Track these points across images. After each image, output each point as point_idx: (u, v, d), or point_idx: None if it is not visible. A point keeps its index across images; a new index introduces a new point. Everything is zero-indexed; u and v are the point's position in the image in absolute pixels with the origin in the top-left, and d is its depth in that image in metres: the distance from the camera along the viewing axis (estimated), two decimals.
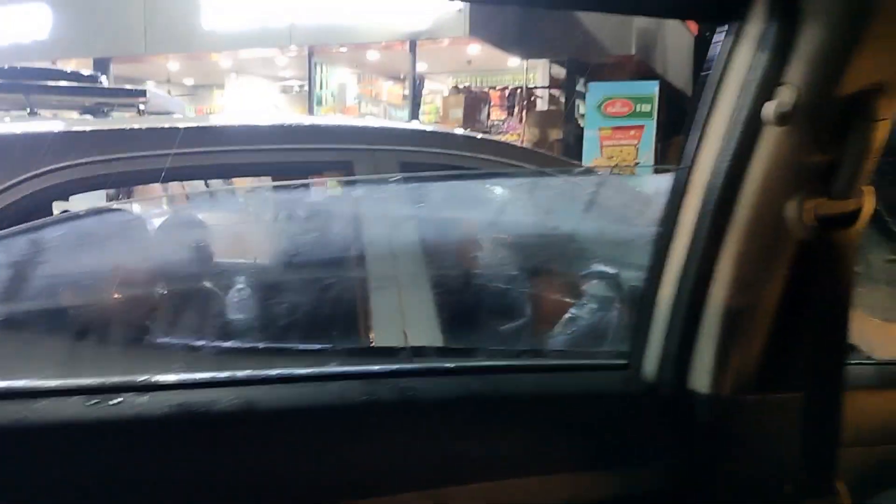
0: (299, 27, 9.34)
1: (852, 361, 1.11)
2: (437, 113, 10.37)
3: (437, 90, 11.52)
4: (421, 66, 10.21)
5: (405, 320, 1.36)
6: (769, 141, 0.90)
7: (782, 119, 0.87)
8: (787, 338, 0.99)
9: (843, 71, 0.85)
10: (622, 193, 1.81)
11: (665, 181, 1.04)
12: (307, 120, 1.90)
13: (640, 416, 1.05)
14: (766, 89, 0.88)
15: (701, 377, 1.00)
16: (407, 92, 9.85)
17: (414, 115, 9.49)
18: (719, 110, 0.93)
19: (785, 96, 0.87)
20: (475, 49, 9.60)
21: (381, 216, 1.56)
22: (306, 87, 10.45)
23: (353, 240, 1.51)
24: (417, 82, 9.78)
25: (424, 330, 1.40)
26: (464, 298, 1.50)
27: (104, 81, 4.89)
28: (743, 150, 0.91)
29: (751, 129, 0.90)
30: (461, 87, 10.69)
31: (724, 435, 1.01)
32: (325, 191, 1.91)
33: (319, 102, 10.31)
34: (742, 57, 0.90)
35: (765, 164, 0.91)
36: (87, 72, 5.21)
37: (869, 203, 0.94)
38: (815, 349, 0.98)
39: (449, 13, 8.56)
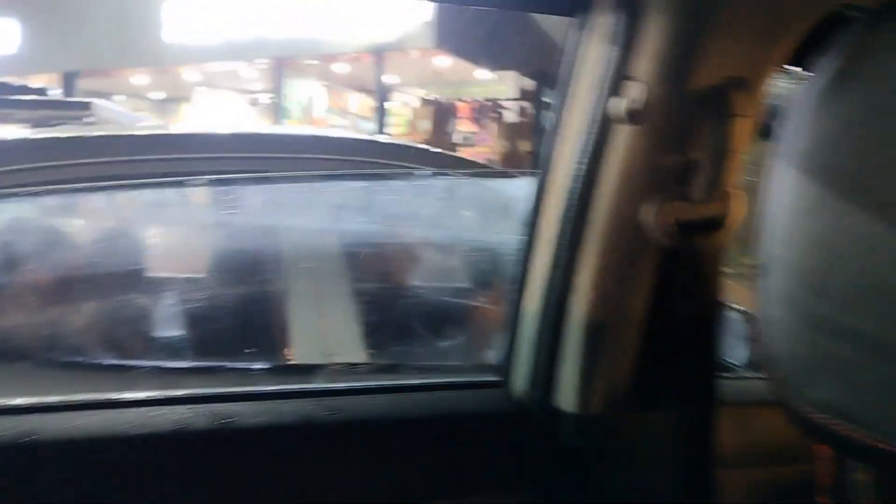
0: (266, 40, 9.27)
1: (726, 376, 1.05)
2: (407, 125, 10.30)
3: (408, 102, 11.47)
4: (391, 79, 10.15)
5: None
6: (622, 141, 0.83)
7: (632, 117, 0.81)
8: (655, 353, 0.92)
9: (694, 65, 0.79)
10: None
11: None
12: (217, 129, 1.84)
13: (511, 437, 0.98)
14: (616, 85, 0.82)
15: (568, 395, 0.93)
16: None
17: (380, 126, 9.42)
18: (572, 108, 0.87)
19: (633, 92, 0.81)
20: (445, 61, 9.55)
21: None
22: (275, 100, 10.35)
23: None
24: (383, 94, 9.73)
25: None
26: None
27: (53, 95, 4.79)
28: (597, 150, 0.85)
29: (603, 128, 0.84)
30: (430, 98, 10.65)
31: (592, 457, 0.94)
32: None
33: (288, 115, 10.22)
34: (591, 51, 0.84)
35: (619, 165, 0.84)
36: (35, 85, 5.10)
37: (737, 207, 0.87)
38: (684, 364, 0.91)
39: (415, 25, 8.52)
